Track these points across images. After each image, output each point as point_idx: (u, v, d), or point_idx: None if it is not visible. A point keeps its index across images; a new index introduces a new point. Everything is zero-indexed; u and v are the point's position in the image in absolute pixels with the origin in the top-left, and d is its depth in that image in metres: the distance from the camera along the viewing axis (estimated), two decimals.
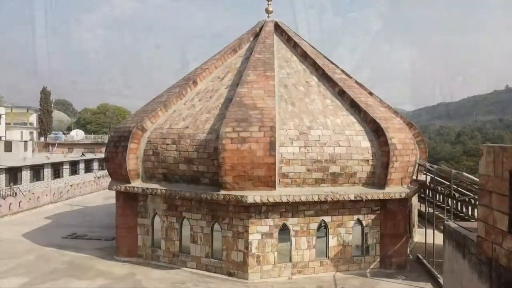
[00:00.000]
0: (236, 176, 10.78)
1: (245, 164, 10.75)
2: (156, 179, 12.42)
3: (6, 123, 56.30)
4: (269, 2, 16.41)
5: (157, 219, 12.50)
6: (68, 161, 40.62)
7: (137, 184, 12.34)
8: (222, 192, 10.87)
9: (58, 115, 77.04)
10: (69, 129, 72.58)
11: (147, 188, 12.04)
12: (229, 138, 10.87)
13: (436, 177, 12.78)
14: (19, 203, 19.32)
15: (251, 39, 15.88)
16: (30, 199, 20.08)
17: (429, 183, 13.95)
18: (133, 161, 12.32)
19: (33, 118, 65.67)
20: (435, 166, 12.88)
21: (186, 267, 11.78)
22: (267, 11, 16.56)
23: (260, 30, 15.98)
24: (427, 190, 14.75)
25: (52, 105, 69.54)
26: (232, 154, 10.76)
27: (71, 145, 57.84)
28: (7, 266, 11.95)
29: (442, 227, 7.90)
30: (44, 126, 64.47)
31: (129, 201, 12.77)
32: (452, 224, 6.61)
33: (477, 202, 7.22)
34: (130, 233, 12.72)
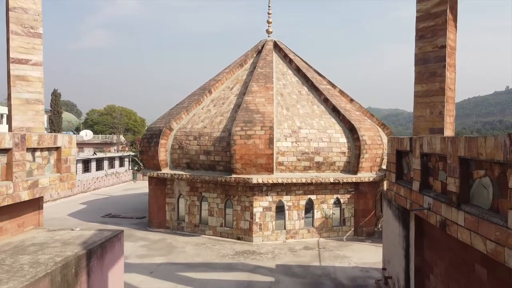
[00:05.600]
0: (244, 163, 14.21)
1: (250, 155, 14.15)
2: (181, 167, 15.88)
3: None
4: (269, 25, 19.92)
5: (181, 199, 15.93)
6: (81, 159, 44.09)
7: (166, 171, 15.78)
8: (233, 175, 14.20)
9: (66, 116, 79.94)
10: (77, 129, 75.55)
11: (174, 174, 15.44)
12: (238, 135, 14.29)
13: None
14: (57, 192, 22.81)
15: (255, 55, 19.38)
16: None
17: None
18: (163, 153, 15.78)
19: (44, 119, 69.12)
20: None
21: (205, 234, 15.21)
22: (267, 32, 20.04)
23: (262, 48, 19.48)
24: None
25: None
26: (241, 147, 14.17)
27: (81, 145, 61.07)
28: None
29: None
30: (55, 127, 67.67)
31: (159, 184, 16.22)
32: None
33: None
34: (160, 210, 16.18)
